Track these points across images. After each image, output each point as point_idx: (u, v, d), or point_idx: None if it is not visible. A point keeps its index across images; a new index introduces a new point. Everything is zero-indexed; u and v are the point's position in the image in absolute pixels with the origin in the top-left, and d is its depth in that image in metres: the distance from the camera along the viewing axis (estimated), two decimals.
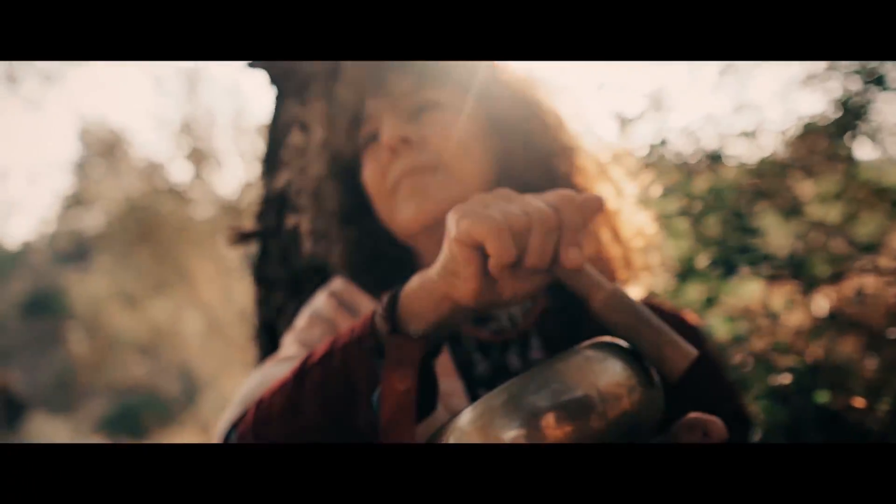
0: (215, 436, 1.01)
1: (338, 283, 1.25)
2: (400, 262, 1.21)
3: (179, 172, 6.79)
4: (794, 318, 1.55)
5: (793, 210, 1.90)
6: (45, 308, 15.29)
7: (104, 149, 7.84)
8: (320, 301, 1.23)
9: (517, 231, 0.69)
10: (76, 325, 9.82)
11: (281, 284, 1.49)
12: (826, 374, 1.39)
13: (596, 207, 0.72)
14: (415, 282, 0.79)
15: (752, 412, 1.44)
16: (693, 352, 0.67)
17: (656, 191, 1.66)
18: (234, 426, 0.95)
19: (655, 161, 1.83)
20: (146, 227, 6.55)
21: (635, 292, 1.26)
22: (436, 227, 1.12)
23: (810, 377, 1.37)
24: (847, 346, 1.49)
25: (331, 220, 1.23)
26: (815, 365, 1.40)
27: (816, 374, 1.38)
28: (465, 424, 0.72)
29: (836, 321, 1.46)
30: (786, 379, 1.26)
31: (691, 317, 1.19)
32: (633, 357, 0.73)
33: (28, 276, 16.70)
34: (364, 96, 1.18)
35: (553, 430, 0.68)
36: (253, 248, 1.59)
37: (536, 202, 0.71)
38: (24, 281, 16.61)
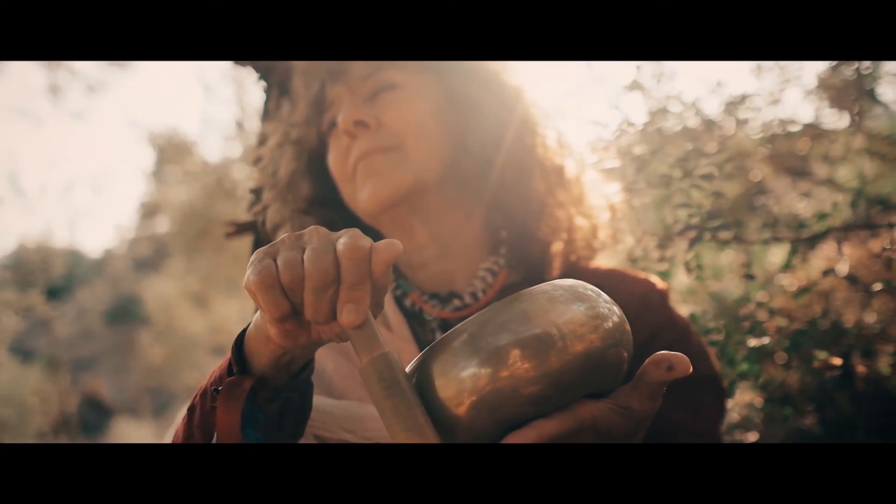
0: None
1: None
2: None
3: (236, 173, 6.89)
4: (795, 278, 1.52)
5: (801, 171, 1.85)
6: (127, 314, 15.70)
7: (168, 154, 8.02)
8: None
9: (290, 286, 0.68)
10: (151, 330, 10.09)
11: None
12: (824, 334, 1.36)
13: (385, 258, 0.69)
14: (252, 321, 0.79)
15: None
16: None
17: (659, 158, 1.64)
18: None
19: (657, 129, 1.80)
20: (208, 229, 6.69)
21: (607, 260, 1.25)
22: (395, 208, 1.13)
23: (805, 337, 1.34)
24: (847, 305, 1.45)
25: (294, 211, 1.24)
26: (812, 325, 1.37)
27: (812, 334, 1.35)
28: (426, 365, 0.72)
29: (842, 280, 1.42)
30: (764, 340, 1.23)
31: (659, 283, 1.18)
32: (601, 298, 0.72)
33: (110, 284, 17.19)
34: (324, 83, 1.19)
35: (513, 366, 0.67)
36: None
37: (324, 253, 0.68)
38: (107, 288, 17.10)
